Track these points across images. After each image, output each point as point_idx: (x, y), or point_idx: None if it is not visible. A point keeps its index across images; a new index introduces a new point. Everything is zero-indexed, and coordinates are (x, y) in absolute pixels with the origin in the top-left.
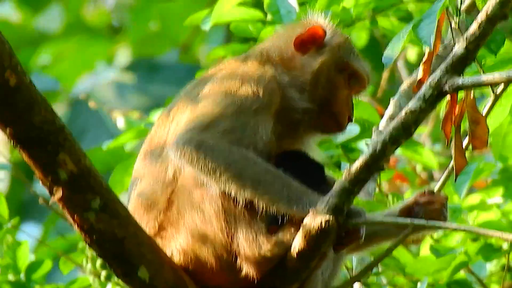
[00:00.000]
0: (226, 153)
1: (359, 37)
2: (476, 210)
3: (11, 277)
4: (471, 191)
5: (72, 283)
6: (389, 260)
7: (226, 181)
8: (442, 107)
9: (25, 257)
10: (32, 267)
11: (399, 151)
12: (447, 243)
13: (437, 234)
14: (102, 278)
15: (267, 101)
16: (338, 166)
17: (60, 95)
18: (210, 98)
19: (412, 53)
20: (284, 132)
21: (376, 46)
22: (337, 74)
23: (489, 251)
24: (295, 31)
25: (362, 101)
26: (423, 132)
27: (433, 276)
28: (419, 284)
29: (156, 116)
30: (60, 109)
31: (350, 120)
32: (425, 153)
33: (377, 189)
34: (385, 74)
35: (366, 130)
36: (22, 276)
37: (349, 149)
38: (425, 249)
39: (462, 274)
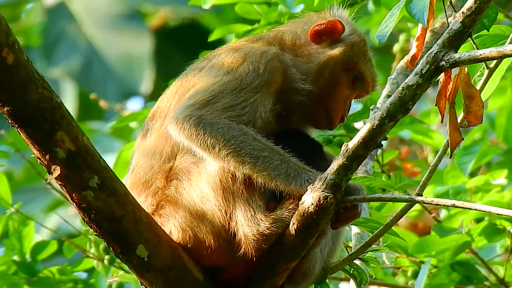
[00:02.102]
0: (225, 129)
1: None
2: (481, 192)
3: (16, 257)
4: None
5: (77, 264)
6: (389, 238)
7: (225, 157)
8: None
9: (30, 238)
10: (38, 248)
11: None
12: (452, 225)
13: (441, 217)
14: (106, 262)
15: (268, 78)
16: (340, 145)
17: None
18: (212, 74)
19: None
20: (280, 116)
21: None
22: (343, 72)
23: (493, 231)
24: (314, 20)
25: None
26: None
27: (436, 257)
28: (422, 266)
29: None
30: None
31: (342, 120)
32: (436, 136)
33: (379, 169)
34: (395, 65)
35: (368, 109)
36: (28, 257)
37: (351, 129)
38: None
39: (466, 255)
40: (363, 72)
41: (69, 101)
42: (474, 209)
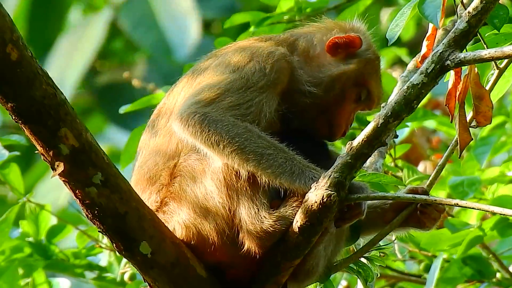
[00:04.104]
0: (230, 126)
1: None
2: (496, 183)
3: (31, 239)
4: None
5: (91, 249)
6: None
7: (229, 154)
8: None
9: (47, 221)
10: (53, 231)
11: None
12: (465, 219)
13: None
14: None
15: (274, 78)
16: (352, 139)
17: None
18: (218, 72)
19: None
20: (285, 118)
21: None
22: (352, 87)
23: (505, 226)
24: (333, 32)
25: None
26: None
27: (448, 251)
28: (434, 260)
29: None
30: None
31: (343, 134)
32: None
33: (392, 163)
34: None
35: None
36: (43, 239)
37: (363, 122)
38: None
39: (478, 250)
40: (372, 90)
41: None
42: (477, 209)
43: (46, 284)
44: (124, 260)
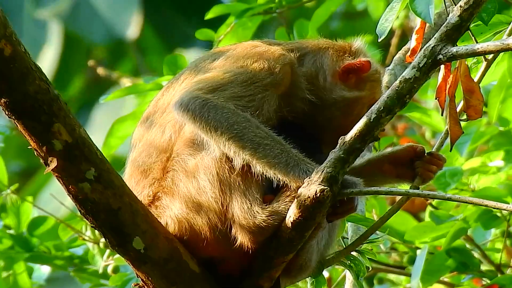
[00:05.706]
0: (230, 114)
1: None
2: (478, 174)
3: (12, 231)
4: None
5: (73, 241)
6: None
7: (227, 141)
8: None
9: (28, 214)
10: (35, 224)
11: (408, 114)
12: (448, 207)
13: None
14: (101, 244)
15: (279, 79)
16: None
17: None
18: (224, 67)
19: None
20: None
21: None
22: (365, 107)
23: (488, 218)
24: (342, 57)
25: None
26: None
27: (432, 243)
28: (418, 252)
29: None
30: None
31: None
32: (434, 116)
33: None
34: (394, 40)
35: None
36: (25, 231)
37: None
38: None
39: (462, 242)
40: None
41: (55, 42)
42: (470, 203)
43: (26, 272)
44: (107, 252)
